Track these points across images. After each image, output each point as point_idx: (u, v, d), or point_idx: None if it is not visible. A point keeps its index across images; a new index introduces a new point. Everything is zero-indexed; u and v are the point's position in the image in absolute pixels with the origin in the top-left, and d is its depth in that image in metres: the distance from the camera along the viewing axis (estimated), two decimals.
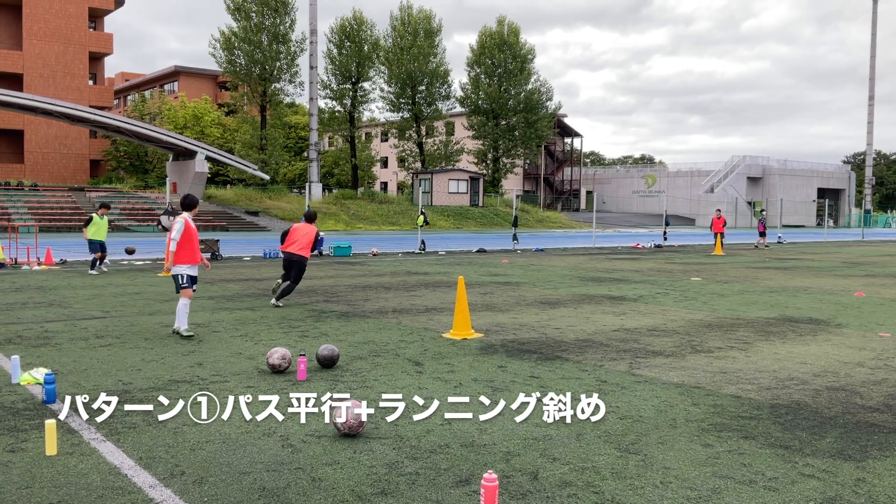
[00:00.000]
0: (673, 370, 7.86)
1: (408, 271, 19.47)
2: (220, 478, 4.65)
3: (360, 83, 61.62)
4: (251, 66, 55.16)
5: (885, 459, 5.13)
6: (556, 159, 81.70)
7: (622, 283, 17.01)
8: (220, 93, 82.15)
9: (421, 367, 7.83)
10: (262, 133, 57.34)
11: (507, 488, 4.50)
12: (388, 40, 62.36)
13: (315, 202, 49.43)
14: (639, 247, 33.74)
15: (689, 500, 4.38)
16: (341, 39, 60.31)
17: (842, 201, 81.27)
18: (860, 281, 18.20)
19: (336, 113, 62.35)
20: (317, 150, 54.74)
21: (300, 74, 57.95)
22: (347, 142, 64.68)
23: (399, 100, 62.71)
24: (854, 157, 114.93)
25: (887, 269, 21.95)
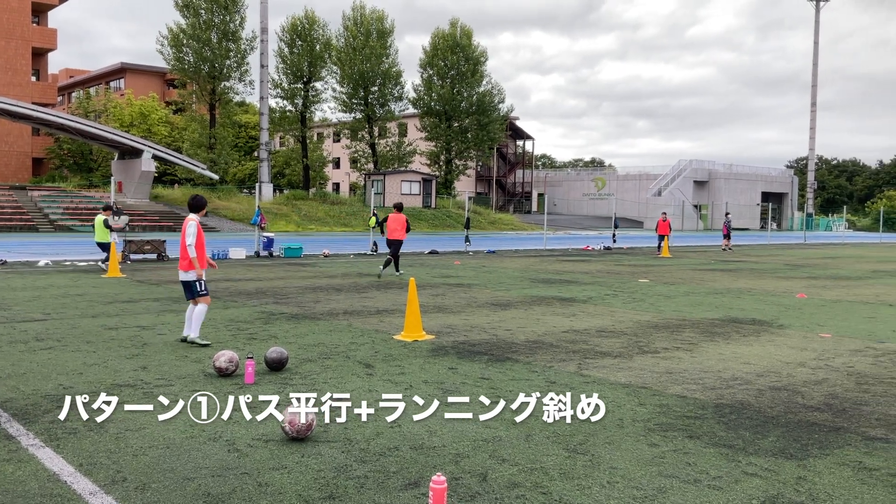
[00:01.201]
0: (620, 371, 7.96)
1: (359, 273, 19.37)
2: (164, 484, 4.55)
3: (311, 83, 61.08)
4: (200, 64, 54.25)
5: (825, 458, 5.27)
6: (508, 161, 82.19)
7: (572, 284, 17.18)
8: (168, 90, 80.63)
9: (371, 370, 7.78)
10: (211, 132, 56.44)
11: (455, 490, 4.49)
12: (341, 40, 61.93)
13: (265, 203, 48.83)
14: (589, 249, 34.13)
15: (635, 500, 4.43)
16: (293, 38, 59.71)
17: (785, 205, 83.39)
18: (802, 283, 18.69)
19: (287, 112, 61.67)
20: (268, 150, 54.11)
21: (250, 73, 57.23)
22: (299, 142, 64.06)
23: (351, 100, 62.34)
24: (797, 162, 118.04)
25: (828, 272, 22.59)
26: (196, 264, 8.92)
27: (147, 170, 47.15)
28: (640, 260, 26.93)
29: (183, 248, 8.95)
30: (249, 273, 18.37)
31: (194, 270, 8.92)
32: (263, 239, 25.67)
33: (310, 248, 28.65)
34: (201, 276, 8.97)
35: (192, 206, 9.21)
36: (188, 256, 8.91)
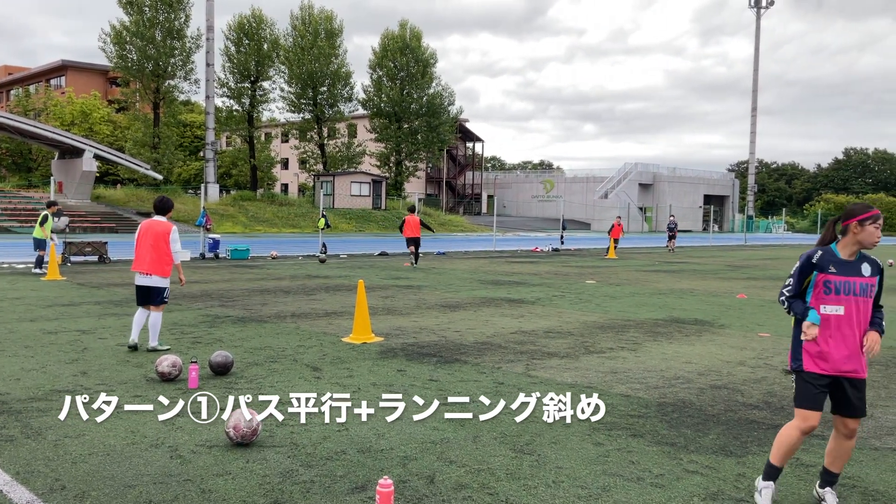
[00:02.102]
0: (567, 371, 8.05)
1: (308, 275, 19.21)
2: (104, 492, 4.45)
3: (259, 82, 60.31)
4: (143, 62, 53.10)
5: (764, 455, 5.41)
6: (458, 163, 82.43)
7: (521, 286, 17.32)
8: (111, 89, 78.79)
9: (319, 373, 7.73)
10: (155, 131, 55.29)
11: (402, 493, 4.49)
12: (289, 39, 61.31)
13: (211, 204, 48.06)
14: (537, 250, 34.43)
15: (579, 499, 4.49)
16: (239, 37, 58.89)
17: (726, 207, 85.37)
18: (742, 283, 19.17)
19: (234, 112, 60.77)
20: (213, 150, 53.26)
21: (196, 71, 56.18)
22: (246, 142, 63.17)
23: (300, 100, 61.75)
24: (738, 166, 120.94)
25: (767, 273, 23.20)
26: (181, 270, 8.71)
27: (88, 170, 45.99)
28: (587, 261, 27.29)
29: (164, 254, 8.52)
30: (194, 275, 18.07)
31: (169, 277, 8.65)
32: (209, 240, 25.26)
33: (257, 249, 28.31)
34: (166, 284, 8.73)
35: (160, 208, 8.79)
36: (171, 262, 8.62)
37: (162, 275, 8.58)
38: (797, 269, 4.41)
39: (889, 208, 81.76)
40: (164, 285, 8.62)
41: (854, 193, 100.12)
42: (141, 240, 8.62)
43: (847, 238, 4.34)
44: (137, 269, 8.62)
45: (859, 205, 4.41)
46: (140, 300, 8.68)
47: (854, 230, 4.30)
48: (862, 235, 4.30)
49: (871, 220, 4.30)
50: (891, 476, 4.99)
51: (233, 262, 23.58)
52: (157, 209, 8.80)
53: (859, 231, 4.29)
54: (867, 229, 4.29)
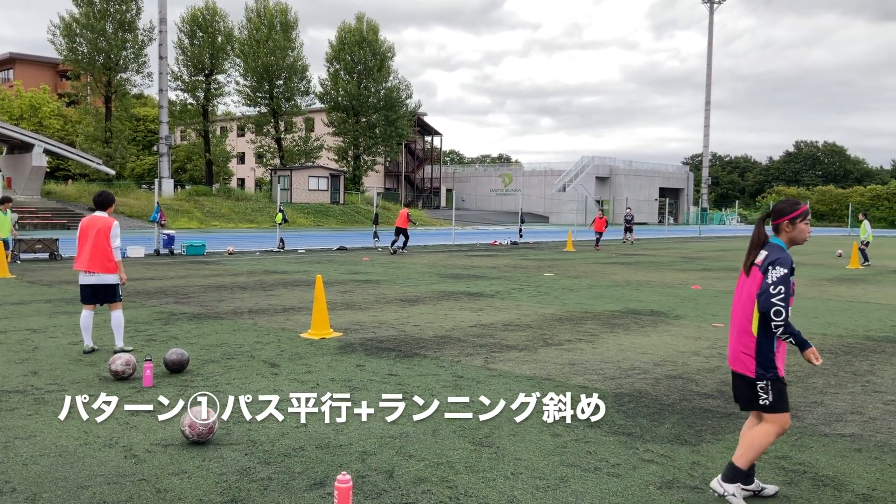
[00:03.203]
0: (525, 363, 8.11)
1: (265, 270, 19.03)
2: (56, 493, 4.36)
3: (213, 75, 59.46)
4: (94, 55, 51.96)
5: (717, 443, 5.52)
6: (416, 157, 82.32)
7: (480, 279, 17.38)
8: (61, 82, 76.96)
9: (277, 369, 7.67)
10: (106, 125, 54.17)
11: (361, 488, 4.48)
12: (244, 32, 60.53)
13: (165, 199, 47.30)
14: (496, 244, 34.58)
15: (538, 490, 4.53)
16: (193, 29, 57.97)
17: (681, 200, 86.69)
18: (697, 275, 19.50)
19: (188, 106, 59.84)
20: (167, 145, 52.39)
21: (149, 65, 55.16)
22: (201, 136, 62.28)
23: (256, 94, 61.04)
24: (692, 159, 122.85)
25: (721, 264, 23.63)
26: (121, 268, 8.43)
27: (38, 165, 44.90)
28: (545, 254, 27.48)
29: (107, 250, 8.22)
30: (148, 272, 17.77)
31: (118, 273, 8.40)
32: (163, 236, 24.86)
33: (213, 245, 27.94)
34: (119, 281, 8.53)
35: (100, 203, 8.45)
36: (114, 259, 8.34)
37: (108, 271, 8.28)
38: (786, 280, 4.11)
39: (838, 200, 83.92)
40: (114, 282, 8.34)
41: (805, 185, 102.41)
42: (82, 237, 8.30)
43: (781, 237, 4.32)
44: (80, 268, 8.30)
45: (788, 202, 4.35)
46: (87, 299, 8.37)
47: (786, 229, 4.30)
48: (794, 233, 4.30)
49: (801, 218, 4.29)
50: (839, 461, 5.13)
51: (188, 258, 23.24)
52: (98, 204, 8.45)
53: (791, 229, 4.29)
54: (798, 227, 4.30)
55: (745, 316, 4.31)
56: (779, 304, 4.07)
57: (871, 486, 4.69)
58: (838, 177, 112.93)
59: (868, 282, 18.15)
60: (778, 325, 4.09)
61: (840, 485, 4.70)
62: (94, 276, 8.27)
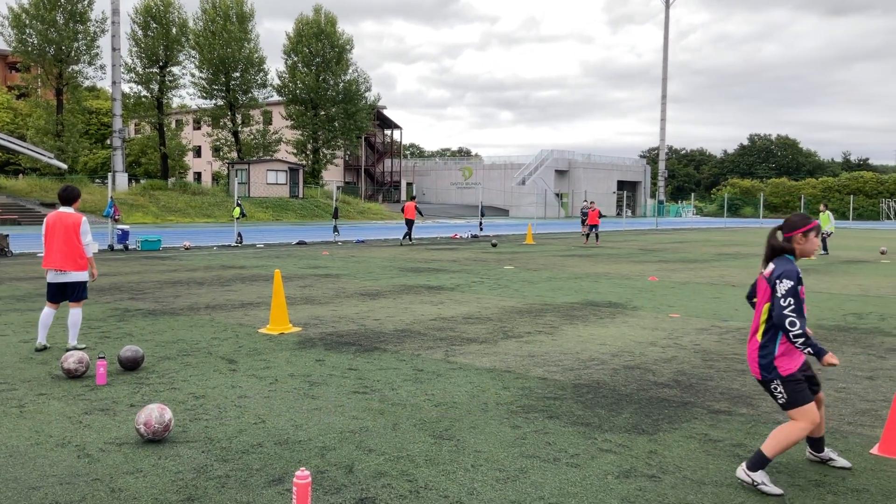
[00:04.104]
0: (486, 356, 8.13)
1: (223, 265, 18.79)
2: (6, 495, 4.24)
3: (168, 67, 58.39)
4: (45, 46, 50.65)
5: (674, 432, 5.60)
6: (376, 151, 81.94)
7: (440, 272, 17.38)
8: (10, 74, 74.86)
9: (235, 365, 7.57)
10: (58, 118, 52.88)
11: (321, 484, 4.45)
12: (199, 23, 59.54)
13: (120, 193, 46.37)
14: (456, 237, 34.62)
15: (497, 482, 4.55)
16: (146, 20, 56.84)
17: (639, 193, 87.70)
18: (654, 266, 19.75)
19: (143, 98, 58.66)
20: (121, 138, 51.35)
21: (101, 56, 53.92)
22: (156, 129, 61.13)
23: (212, 86, 60.11)
24: (649, 152, 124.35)
25: (678, 255, 23.98)
26: (93, 264, 8.23)
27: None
28: (505, 247, 27.60)
29: (77, 248, 8.00)
30: (102, 268, 17.42)
31: (88, 271, 8.19)
32: (117, 231, 24.39)
33: (169, 240, 27.49)
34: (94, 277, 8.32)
35: (66, 198, 8.19)
36: (85, 256, 8.13)
37: (78, 269, 8.06)
38: (794, 289, 4.27)
39: (791, 192, 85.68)
40: (83, 279, 8.14)
41: (759, 178, 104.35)
42: (50, 234, 8.07)
43: (794, 247, 4.47)
44: (50, 266, 8.05)
45: (800, 216, 4.52)
46: (54, 297, 8.15)
47: (799, 241, 4.45)
48: (806, 246, 4.47)
49: (814, 232, 4.47)
50: (793, 448, 5.21)
51: (143, 253, 22.83)
52: (63, 199, 8.21)
53: (804, 242, 4.45)
54: (811, 240, 4.47)
55: (755, 321, 4.55)
56: (791, 316, 4.22)
57: (823, 471, 4.79)
58: (791, 169, 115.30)
59: (820, 272, 18.57)
60: (796, 336, 4.24)
61: (793, 471, 4.80)
62: (63, 275, 8.05)
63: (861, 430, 5.68)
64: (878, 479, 4.68)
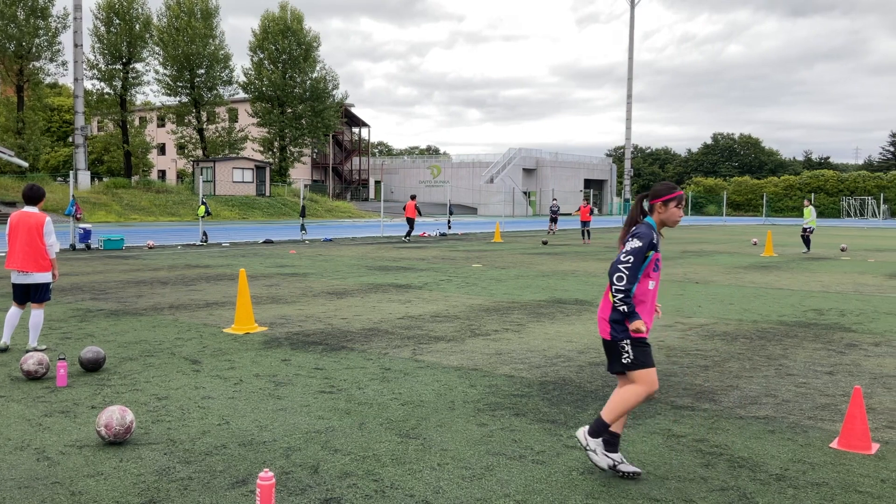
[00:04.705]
0: (453, 354, 8.14)
1: (187, 264, 18.56)
2: None
3: (131, 64, 57.58)
4: (5, 42, 49.63)
5: (638, 427, 5.65)
6: (344, 149, 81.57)
7: (408, 271, 17.35)
8: None
9: (198, 366, 7.48)
10: (19, 115, 51.88)
11: (285, 485, 4.41)
12: (163, 20, 58.79)
13: (82, 192, 45.60)
14: (425, 235, 34.60)
15: (463, 479, 4.55)
16: (109, 16, 55.97)
17: (605, 191, 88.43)
18: None
19: (106, 95, 57.79)
20: (84, 136, 50.50)
21: (63, 53, 53.04)
22: (119, 126, 60.25)
23: (176, 83, 59.39)
24: (615, 151, 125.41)
25: None
26: (55, 266, 8.04)
27: None
28: (474, 245, 27.64)
29: (40, 248, 7.82)
30: (64, 268, 17.11)
31: (50, 271, 8.02)
32: (79, 231, 23.98)
33: (132, 239, 27.10)
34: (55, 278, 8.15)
35: (30, 197, 7.96)
36: (48, 257, 7.94)
37: (41, 270, 7.89)
38: (639, 252, 4.30)
39: (753, 190, 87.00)
40: (47, 280, 7.97)
41: (722, 176, 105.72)
42: (13, 234, 7.90)
43: (654, 217, 4.53)
44: (12, 267, 7.88)
45: (665, 184, 4.55)
46: (20, 298, 7.99)
47: (659, 210, 4.50)
48: (665, 215, 4.51)
49: (675, 202, 4.50)
50: (754, 443, 5.31)
51: (106, 252, 22.48)
52: (28, 199, 8.00)
53: (663, 211, 4.50)
54: (671, 210, 4.50)
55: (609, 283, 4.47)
56: (622, 271, 4.27)
57: (784, 466, 4.87)
58: (754, 168, 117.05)
59: (781, 269, 18.88)
60: (618, 289, 4.27)
61: (755, 465, 4.87)
62: (26, 276, 7.88)
63: (821, 424, 5.78)
64: (838, 472, 4.77)
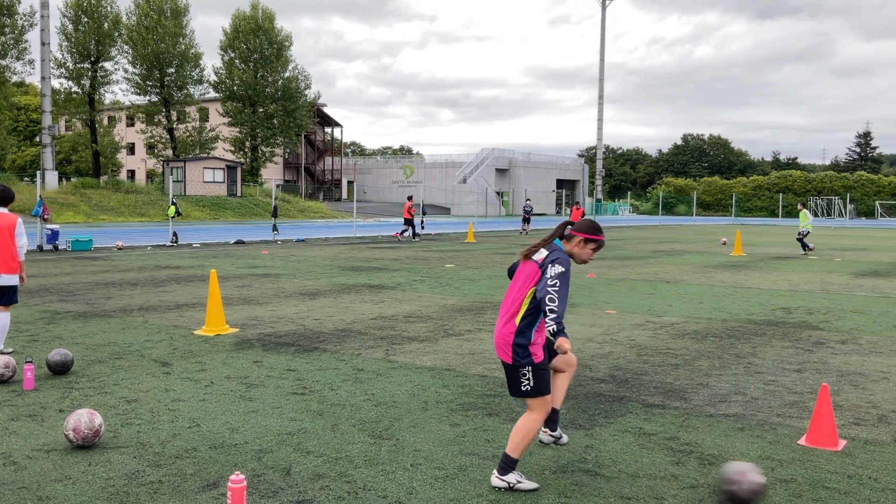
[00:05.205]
0: (426, 354, 8.13)
1: (157, 265, 18.36)
2: None
3: (100, 62, 56.79)
4: None
5: (609, 426, 5.69)
6: (316, 149, 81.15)
7: (381, 271, 17.31)
8: None
9: (169, 368, 7.41)
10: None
11: (257, 488, 4.38)
12: (132, 18, 58.06)
13: (49, 192, 44.90)
14: (398, 236, 34.55)
15: (436, 480, 4.55)
16: (77, 14, 55.17)
17: (577, 191, 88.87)
18: (592, 263, 20.03)
19: (74, 94, 56.94)
20: (51, 135, 49.72)
21: (30, 51, 52.09)
22: (87, 126, 59.39)
23: (146, 82, 58.68)
24: (587, 151, 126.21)
25: (614, 253, 24.39)
26: (23, 268, 7.86)
27: None
28: (447, 245, 27.66)
29: (11, 249, 7.63)
30: (31, 269, 16.84)
31: (18, 273, 7.82)
32: (47, 231, 23.62)
33: (101, 240, 26.74)
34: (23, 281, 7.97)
35: (1, 199, 7.74)
36: (18, 258, 7.76)
37: (10, 272, 7.72)
38: (564, 277, 4.23)
39: (723, 190, 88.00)
40: (15, 283, 7.79)
41: (692, 177, 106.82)
42: None
43: (568, 244, 4.51)
44: None
45: (596, 225, 4.57)
46: None
47: (577, 243, 4.49)
48: (579, 251, 4.50)
49: (595, 245, 4.53)
50: (724, 440, 5.38)
51: (74, 254, 22.16)
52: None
53: (581, 246, 4.50)
54: (587, 249, 4.52)
55: (515, 305, 4.41)
56: (552, 293, 4.17)
57: (754, 463, 4.93)
58: (723, 168, 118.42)
59: (750, 268, 19.13)
60: (551, 310, 4.14)
61: (725, 462, 4.92)
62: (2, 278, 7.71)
63: (789, 421, 5.86)
64: (806, 468, 4.84)
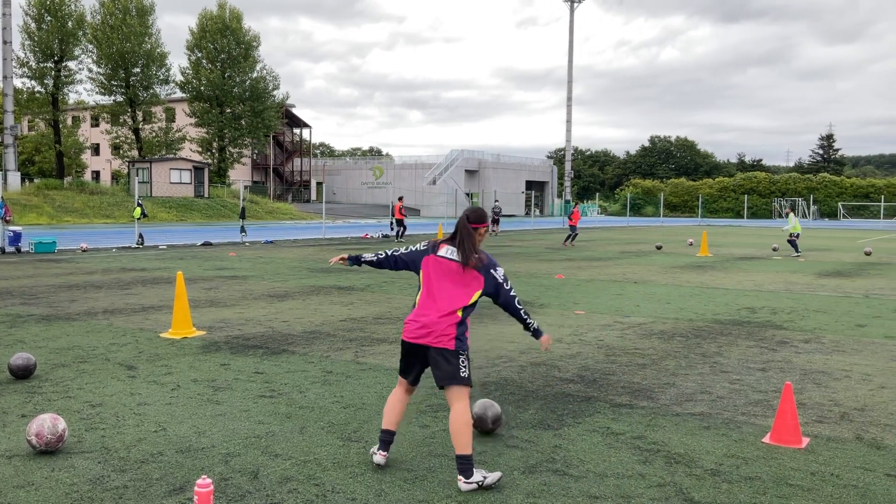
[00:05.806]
0: (396, 356, 8.11)
1: (123, 268, 18.10)
2: None
3: (64, 62, 55.87)
4: None
5: (577, 426, 5.73)
6: (285, 150, 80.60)
7: (350, 273, 17.25)
8: None
9: (134, 371, 7.31)
10: None
11: (224, 491, 4.34)
12: (97, 17, 57.20)
13: (12, 193, 44.07)
14: (367, 237, 34.45)
15: (405, 482, 4.55)
16: (40, 13, 54.20)
17: (546, 192, 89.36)
18: (561, 265, 20.17)
19: (37, 94, 55.92)
20: (13, 135, 48.80)
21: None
22: (51, 126, 58.37)
23: (111, 82, 57.83)
24: (556, 153, 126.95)
25: (583, 254, 24.56)
26: None
27: None
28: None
29: None
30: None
31: None
32: (9, 233, 23.16)
33: (65, 242, 26.30)
34: None
35: None
36: None
37: None
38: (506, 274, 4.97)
39: (689, 191, 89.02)
40: None
41: (659, 178, 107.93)
42: None
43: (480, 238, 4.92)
44: None
45: (482, 211, 4.97)
46: None
47: (481, 232, 4.90)
48: (482, 238, 4.96)
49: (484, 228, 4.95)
50: (690, 439, 5.44)
51: (37, 256, 21.76)
52: None
53: (483, 234, 4.94)
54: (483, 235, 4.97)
55: (459, 299, 4.68)
56: (516, 294, 4.87)
57: (719, 461, 5.00)
58: (689, 170, 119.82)
59: (716, 269, 19.38)
60: (526, 312, 4.87)
61: (691, 461, 4.99)
62: None
63: (754, 419, 5.95)
64: (770, 466, 4.92)
